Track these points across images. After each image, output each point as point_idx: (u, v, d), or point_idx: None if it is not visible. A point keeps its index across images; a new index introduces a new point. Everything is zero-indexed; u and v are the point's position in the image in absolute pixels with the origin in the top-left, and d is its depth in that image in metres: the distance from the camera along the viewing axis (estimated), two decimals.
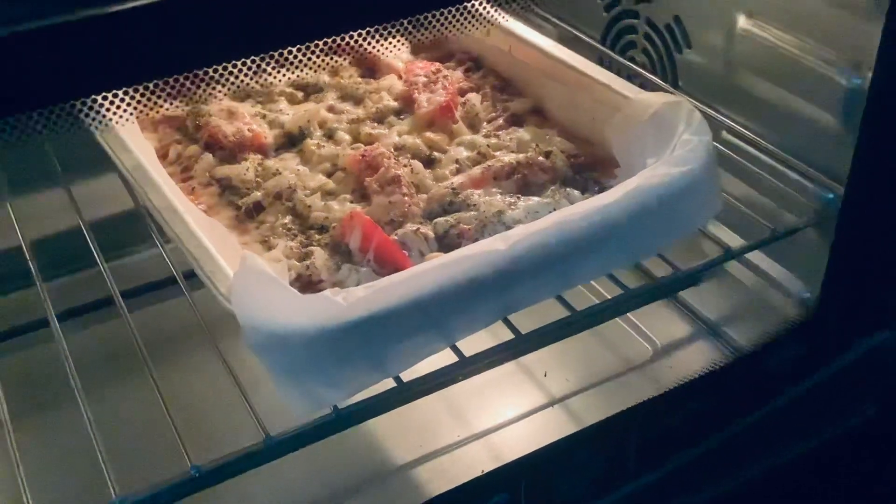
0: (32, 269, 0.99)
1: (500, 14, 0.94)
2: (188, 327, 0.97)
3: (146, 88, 0.75)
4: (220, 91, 0.84)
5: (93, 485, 0.80)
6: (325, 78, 1.19)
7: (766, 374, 1.09)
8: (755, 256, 1.19)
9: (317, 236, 0.96)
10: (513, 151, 1.05)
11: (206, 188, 1.04)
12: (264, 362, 0.77)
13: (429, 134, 1.08)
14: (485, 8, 0.91)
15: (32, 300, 0.99)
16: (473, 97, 1.14)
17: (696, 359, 1.21)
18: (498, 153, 1.05)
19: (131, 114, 0.77)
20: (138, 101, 0.76)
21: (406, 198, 0.97)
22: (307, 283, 0.91)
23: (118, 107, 0.75)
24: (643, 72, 1.26)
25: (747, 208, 1.10)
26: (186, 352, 1.09)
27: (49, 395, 1.07)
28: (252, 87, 1.16)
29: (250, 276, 0.78)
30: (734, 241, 1.13)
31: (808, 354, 1.07)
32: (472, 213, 0.96)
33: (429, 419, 1.22)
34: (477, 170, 1.01)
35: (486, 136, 1.08)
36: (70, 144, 1.05)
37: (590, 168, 1.04)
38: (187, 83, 0.79)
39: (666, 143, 0.95)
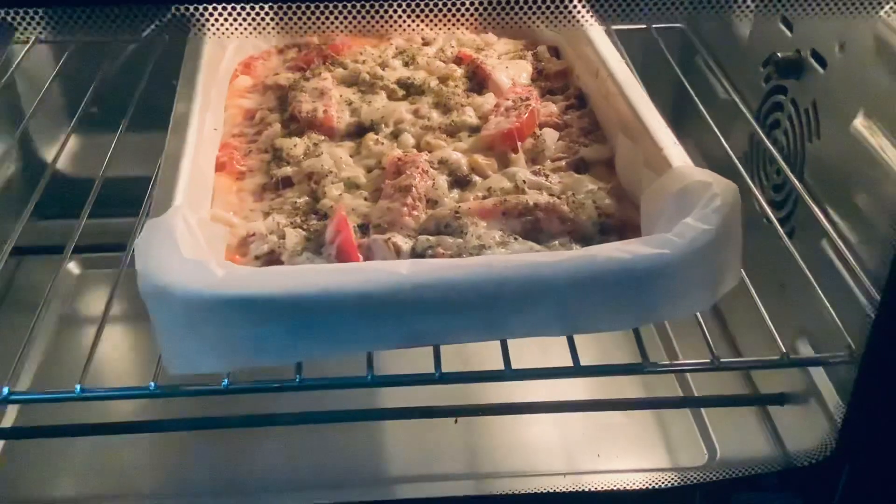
0: None
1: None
2: None
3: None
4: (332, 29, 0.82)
5: None
6: (432, 83, 1.20)
7: None
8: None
9: (314, 221, 0.98)
10: (552, 195, 1.00)
11: (260, 154, 1.09)
12: (149, 311, 0.81)
13: (477, 156, 1.05)
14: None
15: None
16: (548, 133, 1.09)
17: None
18: (532, 191, 1.00)
19: (235, 29, 0.79)
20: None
21: (405, 208, 0.96)
22: (274, 260, 0.93)
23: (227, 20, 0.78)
24: (776, 153, 1.13)
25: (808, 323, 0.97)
26: None
27: None
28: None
29: (160, 228, 0.82)
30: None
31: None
32: (458, 240, 0.93)
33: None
34: (489, 201, 0.97)
35: (536, 173, 1.03)
36: None
37: (616, 231, 0.96)
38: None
39: (677, 221, 0.86)
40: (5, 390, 0.84)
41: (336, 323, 0.80)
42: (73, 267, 1.48)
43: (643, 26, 1.38)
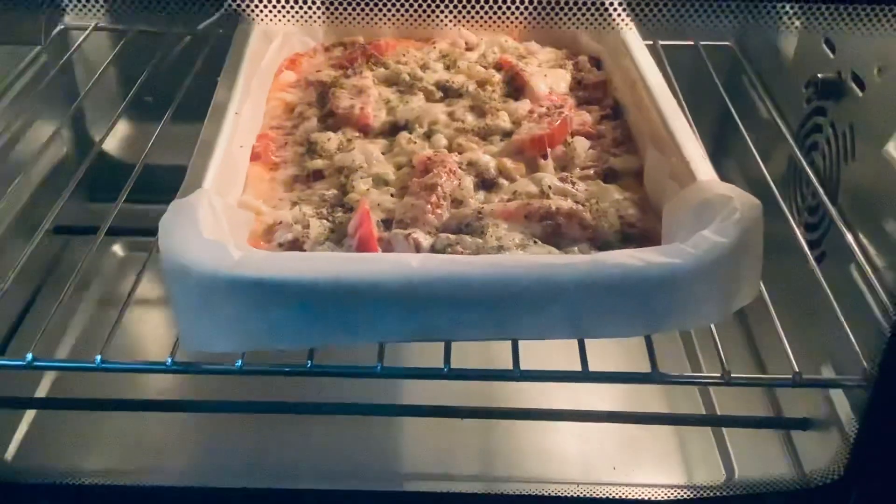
0: None
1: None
2: None
3: None
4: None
5: None
6: (470, 86, 1.21)
7: None
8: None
9: (339, 214, 1.00)
10: (577, 202, 1.00)
11: (295, 146, 1.11)
12: (167, 288, 0.83)
13: (506, 159, 1.06)
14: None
15: None
16: (579, 141, 1.10)
17: None
18: (556, 197, 1.00)
19: (283, 17, 0.82)
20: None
21: (429, 205, 0.97)
22: (297, 248, 0.95)
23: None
24: (811, 175, 1.12)
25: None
26: None
27: None
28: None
29: (184, 209, 0.84)
30: None
31: None
32: (478, 240, 0.94)
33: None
34: (513, 203, 0.98)
35: (563, 179, 1.04)
36: None
37: (638, 241, 0.97)
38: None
39: (696, 233, 0.86)
40: (29, 356, 0.87)
41: (346, 311, 0.81)
42: (117, 249, 1.53)
43: (691, 43, 1.38)
